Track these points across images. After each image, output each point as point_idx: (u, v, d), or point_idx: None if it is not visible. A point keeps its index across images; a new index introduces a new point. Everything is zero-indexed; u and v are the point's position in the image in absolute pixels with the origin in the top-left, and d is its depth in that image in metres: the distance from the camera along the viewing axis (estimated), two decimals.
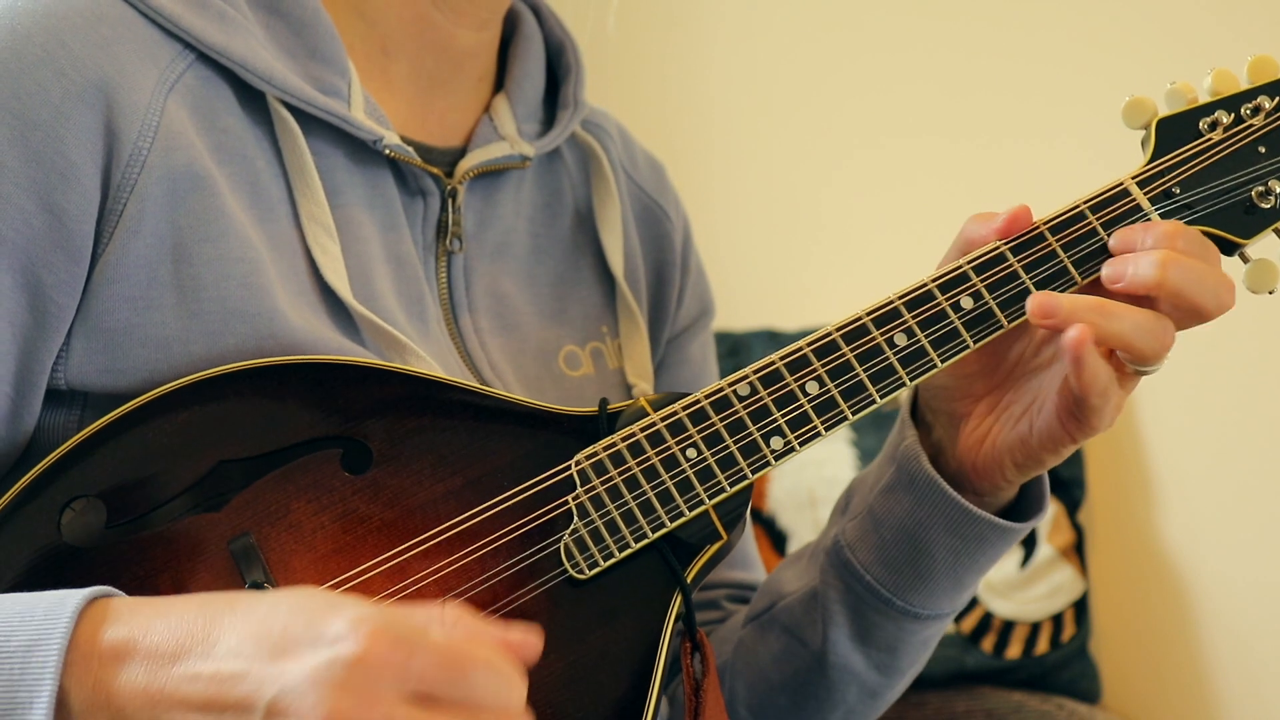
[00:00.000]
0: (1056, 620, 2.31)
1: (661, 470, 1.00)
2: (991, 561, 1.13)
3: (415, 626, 0.77)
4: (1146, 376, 1.03)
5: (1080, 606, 2.32)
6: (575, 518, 0.99)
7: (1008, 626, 2.29)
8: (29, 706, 0.80)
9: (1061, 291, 1.03)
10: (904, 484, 1.11)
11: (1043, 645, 2.30)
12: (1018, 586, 2.30)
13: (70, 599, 0.83)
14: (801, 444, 1.02)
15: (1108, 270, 1.03)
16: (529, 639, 0.81)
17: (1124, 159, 1.11)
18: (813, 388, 1.02)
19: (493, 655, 0.78)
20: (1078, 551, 2.34)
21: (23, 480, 0.93)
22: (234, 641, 0.79)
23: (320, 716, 0.75)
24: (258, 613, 0.80)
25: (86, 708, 0.80)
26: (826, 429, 1.02)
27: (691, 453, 1.01)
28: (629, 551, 0.99)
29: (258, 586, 0.93)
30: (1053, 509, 2.32)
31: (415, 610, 0.81)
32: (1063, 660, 2.31)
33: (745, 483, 1.01)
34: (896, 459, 1.12)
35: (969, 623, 2.28)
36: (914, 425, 1.12)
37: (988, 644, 2.28)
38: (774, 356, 1.03)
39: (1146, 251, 1.02)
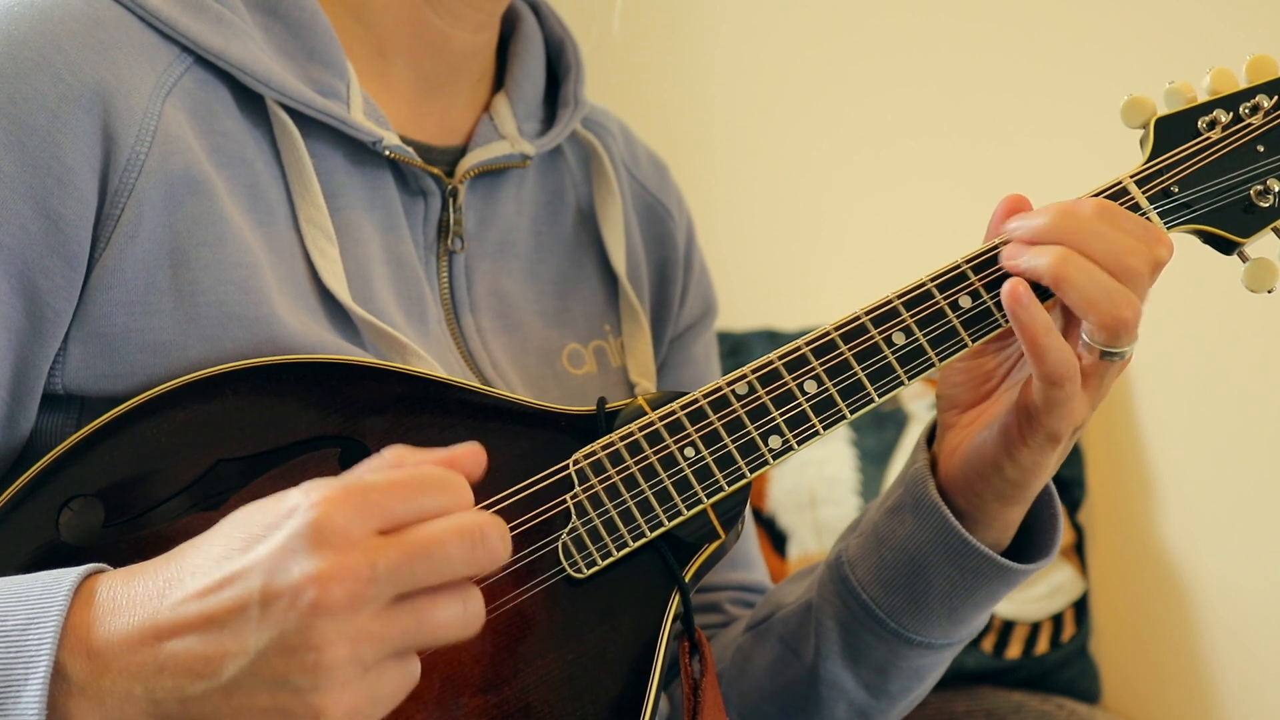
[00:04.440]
0: (1056, 620, 2.31)
1: (659, 469, 1.00)
2: (990, 598, 1.12)
3: (357, 475, 0.81)
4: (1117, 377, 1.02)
5: (1080, 606, 2.32)
6: (573, 517, 0.99)
7: (1008, 626, 2.29)
8: (24, 683, 0.80)
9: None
10: (909, 506, 1.10)
11: (1043, 645, 2.30)
12: (1017, 586, 2.29)
13: (66, 577, 0.83)
14: (800, 443, 1.02)
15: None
16: (469, 449, 0.85)
17: (1124, 158, 1.11)
18: (811, 386, 1.02)
19: (432, 471, 0.82)
20: (1078, 551, 2.34)
21: (21, 480, 0.93)
22: (205, 562, 0.81)
23: (311, 581, 0.77)
24: (215, 534, 0.82)
25: (88, 679, 0.81)
26: (825, 428, 1.02)
27: (689, 452, 1.01)
28: (627, 551, 0.99)
29: None
30: (1062, 528, 2.31)
31: (354, 468, 0.85)
32: (1063, 660, 2.31)
33: (743, 482, 1.01)
34: (906, 481, 1.11)
35: None
36: (927, 448, 1.12)
37: (987, 644, 2.28)
38: (772, 355, 1.02)
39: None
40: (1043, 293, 1.01)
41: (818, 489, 2.34)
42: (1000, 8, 2.49)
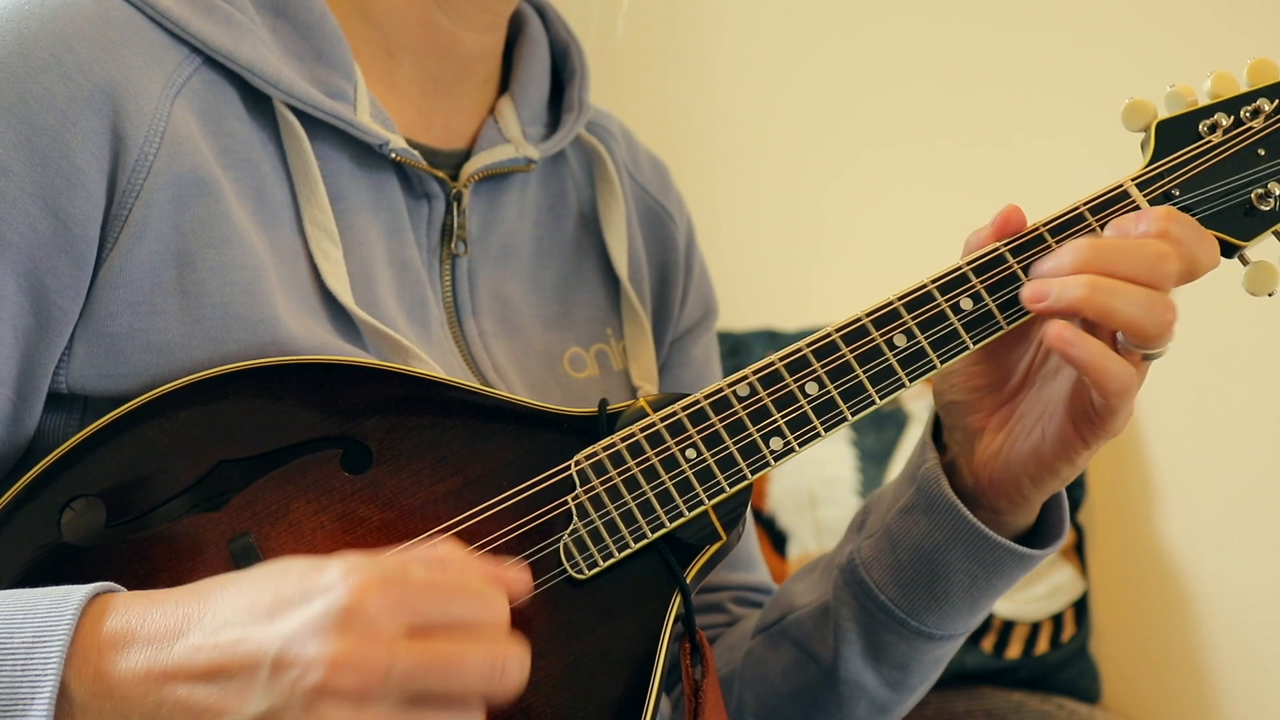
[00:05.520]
0: (1056, 620, 2.31)
1: (661, 471, 1.00)
2: (1008, 585, 1.12)
3: (400, 566, 0.81)
4: (1151, 366, 1.02)
5: (1080, 606, 2.32)
6: (575, 518, 0.99)
7: (1008, 626, 2.29)
8: (30, 702, 0.80)
9: None
10: (923, 506, 1.10)
11: (1043, 645, 2.30)
12: (1017, 586, 2.28)
13: (73, 595, 0.83)
14: (801, 445, 1.02)
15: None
16: (518, 574, 0.85)
17: (1126, 159, 1.11)
18: (812, 389, 1.02)
19: (474, 580, 0.82)
20: (1078, 551, 2.34)
21: (23, 480, 0.94)
22: (229, 613, 0.81)
23: (326, 662, 0.77)
24: (247, 583, 0.82)
25: (90, 700, 0.81)
26: (826, 430, 1.02)
27: (691, 453, 1.01)
28: (628, 552, 0.99)
29: None
30: (1068, 507, 2.32)
31: (401, 554, 0.84)
32: (1063, 660, 2.31)
33: (745, 483, 1.01)
34: (917, 480, 1.11)
35: None
36: (934, 447, 1.12)
37: (988, 644, 2.29)
38: (774, 357, 1.02)
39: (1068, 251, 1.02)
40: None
41: (818, 489, 2.34)
42: (1001, 9, 2.49)
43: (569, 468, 1.00)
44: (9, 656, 0.81)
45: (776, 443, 1.01)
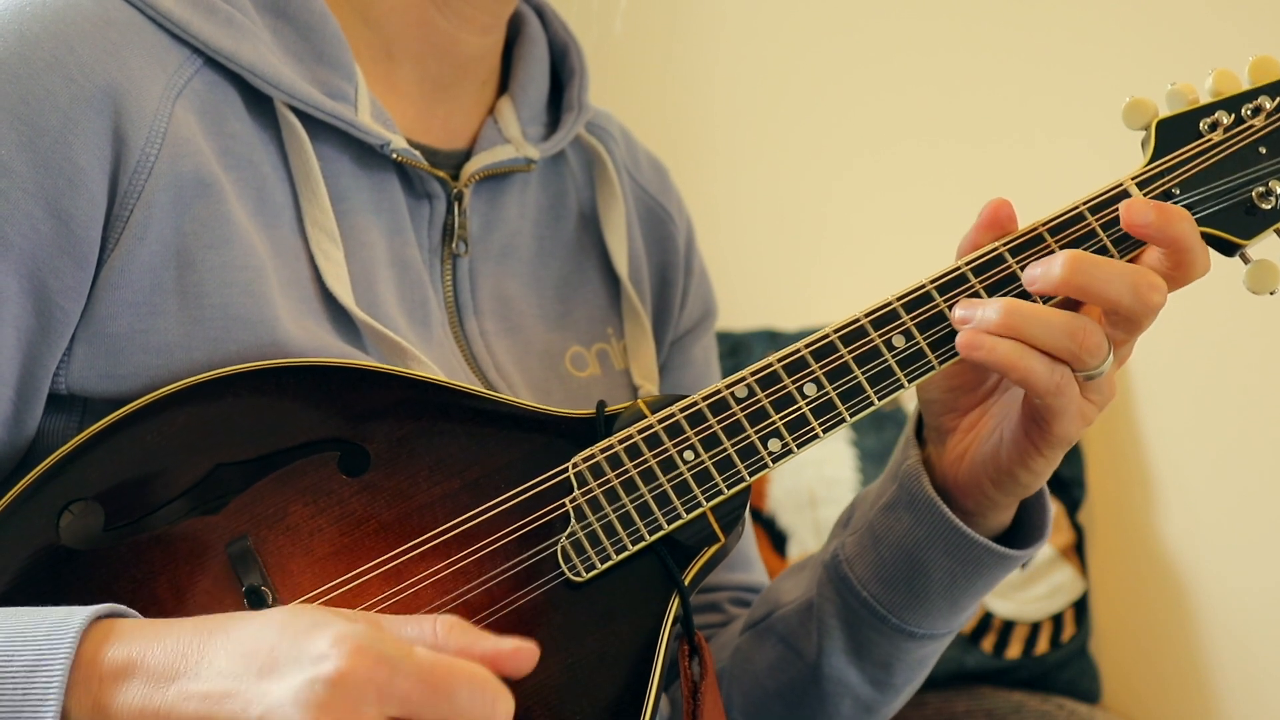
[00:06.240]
0: (1056, 620, 2.31)
1: (659, 473, 1.00)
2: (989, 585, 1.12)
3: (398, 644, 0.78)
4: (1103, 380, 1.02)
5: (1080, 606, 2.32)
6: (573, 520, 0.99)
7: (1008, 626, 2.29)
8: None
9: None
10: (904, 503, 1.10)
11: (1043, 645, 2.30)
12: (1017, 586, 2.29)
13: (73, 618, 0.83)
14: (799, 446, 1.01)
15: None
16: (523, 647, 0.81)
17: (1127, 158, 1.11)
18: (811, 390, 1.02)
19: (476, 671, 0.78)
20: (1078, 551, 2.34)
21: (21, 482, 0.94)
22: (224, 662, 0.79)
23: None
24: (248, 632, 0.80)
25: None
26: (824, 431, 1.01)
27: (689, 455, 1.01)
28: (626, 554, 0.99)
29: (255, 590, 0.94)
30: (1052, 509, 2.32)
31: (403, 624, 0.81)
32: (1063, 660, 2.30)
33: (743, 485, 1.01)
34: (899, 477, 1.11)
35: (969, 623, 2.28)
36: (917, 444, 1.11)
37: (988, 644, 2.28)
38: (772, 358, 1.02)
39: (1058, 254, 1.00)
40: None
41: (818, 489, 2.34)
42: (1001, 9, 2.48)
43: (567, 470, 1.00)
44: (9, 680, 0.81)
45: (775, 444, 1.01)
